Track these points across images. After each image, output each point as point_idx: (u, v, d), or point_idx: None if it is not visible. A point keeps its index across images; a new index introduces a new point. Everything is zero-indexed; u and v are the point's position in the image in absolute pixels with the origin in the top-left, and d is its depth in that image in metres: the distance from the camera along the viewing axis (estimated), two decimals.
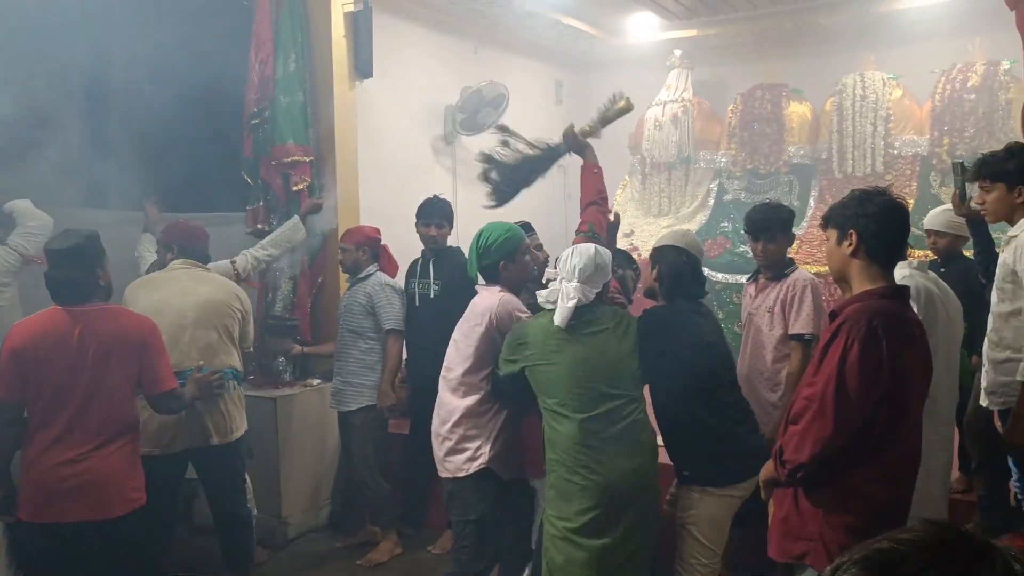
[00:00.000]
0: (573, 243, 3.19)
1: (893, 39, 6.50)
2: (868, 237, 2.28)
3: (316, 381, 4.94)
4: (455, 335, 3.31)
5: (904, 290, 2.38)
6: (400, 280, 4.67)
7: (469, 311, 3.29)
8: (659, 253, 3.19)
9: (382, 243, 4.64)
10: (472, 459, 3.16)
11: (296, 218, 4.77)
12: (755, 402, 3.50)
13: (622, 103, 3.62)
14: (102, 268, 2.98)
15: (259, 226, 5.00)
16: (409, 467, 4.71)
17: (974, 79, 5.94)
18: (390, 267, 4.71)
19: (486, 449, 3.15)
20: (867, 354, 2.15)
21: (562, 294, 2.92)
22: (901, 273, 3.00)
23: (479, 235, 3.28)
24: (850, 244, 2.30)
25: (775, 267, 3.61)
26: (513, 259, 3.25)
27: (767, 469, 2.41)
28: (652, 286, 3.20)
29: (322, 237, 5.07)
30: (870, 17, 6.38)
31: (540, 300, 3.06)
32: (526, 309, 3.23)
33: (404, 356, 4.65)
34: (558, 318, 2.89)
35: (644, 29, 7.06)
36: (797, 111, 6.69)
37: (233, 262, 4.37)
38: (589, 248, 3.00)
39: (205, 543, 4.30)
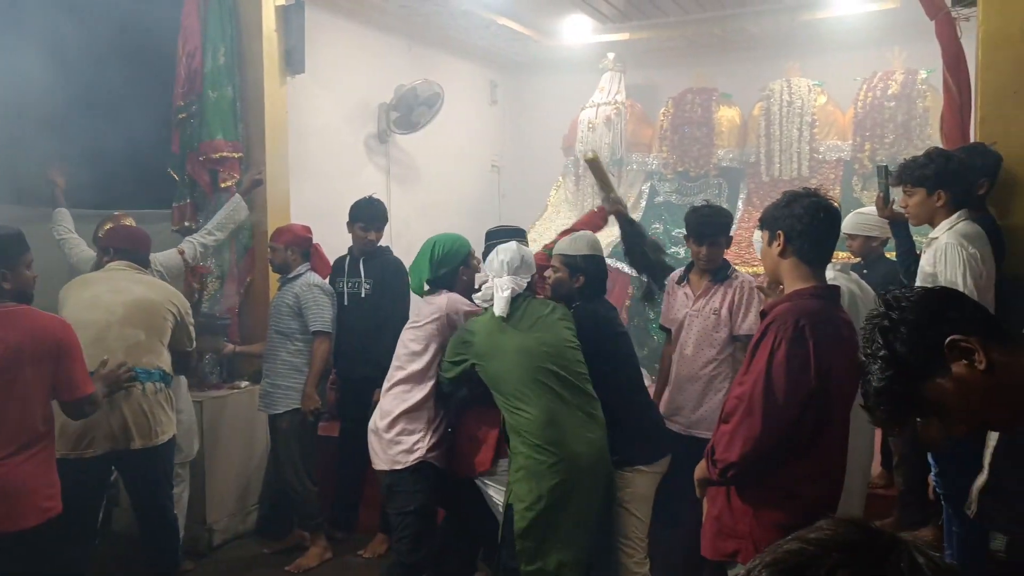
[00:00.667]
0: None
1: (817, 47, 6.68)
2: (794, 237, 2.32)
3: (244, 383, 4.82)
4: (403, 338, 3.42)
5: (834, 290, 2.42)
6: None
7: (416, 314, 3.44)
8: (585, 261, 3.34)
9: (314, 242, 4.56)
10: (409, 452, 3.27)
11: (238, 196, 4.73)
12: (693, 402, 3.55)
13: (591, 156, 4.10)
14: (11, 269, 2.82)
15: (186, 223, 4.88)
16: (339, 470, 4.64)
17: (894, 87, 6.15)
18: (322, 267, 4.63)
19: (423, 443, 3.27)
20: (793, 354, 2.19)
21: (496, 289, 3.14)
22: (826, 276, 3.07)
23: (432, 247, 3.44)
24: (779, 244, 2.34)
25: (717, 270, 3.67)
26: (467, 264, 3.51)
27: (700, 468, 2.44)
28: (572, 289, 3.33)
29: (250, 235, 4.95)
30: (795, 25, 6.54)
31: (477, 301, 3.25)
32: (471, 303, 3.39)
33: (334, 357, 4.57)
34: (498, 308, 3.10)
35: (578, 31, 7.10)
36: (726, 115, 6.83)
37: (181, 252, 4.39)
38: (511, 245, 3.27)
39: (126, 552, 4.14)
